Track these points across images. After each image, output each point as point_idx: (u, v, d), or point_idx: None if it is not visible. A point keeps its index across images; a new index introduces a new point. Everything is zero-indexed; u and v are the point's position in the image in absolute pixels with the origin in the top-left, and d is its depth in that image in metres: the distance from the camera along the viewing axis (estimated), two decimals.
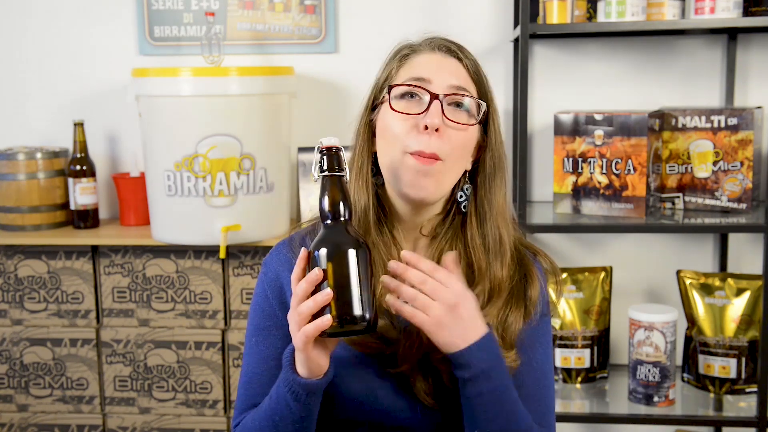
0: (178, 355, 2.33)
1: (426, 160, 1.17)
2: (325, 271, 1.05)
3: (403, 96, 1.20)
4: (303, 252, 1.08)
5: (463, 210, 1.25)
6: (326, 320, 1.03)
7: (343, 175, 1.10)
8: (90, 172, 2.44)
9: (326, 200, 1.09)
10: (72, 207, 2.44)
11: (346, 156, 1.11)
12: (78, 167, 2.42)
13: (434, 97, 1.17)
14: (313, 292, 1.05)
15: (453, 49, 1.23)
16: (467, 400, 1.12)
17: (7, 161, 2.38)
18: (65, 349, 2.36)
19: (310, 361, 1.08)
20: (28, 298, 2.36)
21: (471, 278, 1.22)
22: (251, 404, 1.26)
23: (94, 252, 2.34)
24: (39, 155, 2.41)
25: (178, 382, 2.34)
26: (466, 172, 1.25)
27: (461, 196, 1.25)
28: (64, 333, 2.35)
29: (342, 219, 1.09)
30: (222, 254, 2.19)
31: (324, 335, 1.05)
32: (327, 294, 1.04)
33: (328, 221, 1.09)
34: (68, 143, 2.51)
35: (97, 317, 2.37)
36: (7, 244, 2.33)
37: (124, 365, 2.35)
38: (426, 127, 1.16)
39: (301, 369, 1.10)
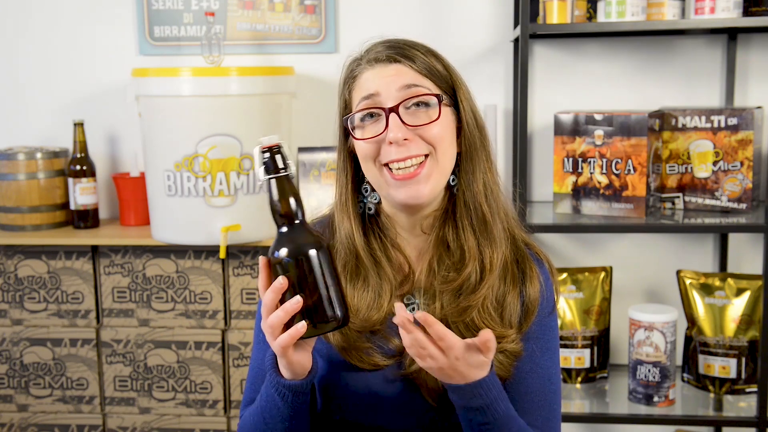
0: (178, 355, 2.33)
1: (408, 174, 1.17)
2: (289, 277, 1.04)
3: (363, 119, 1.21)
4: (263, 260, 1.08)
5: (455, 193, 1.26)
6: (300, 328, 1.04)
7: (288, 174, 1.07)
8: (90, 172, 2.44)
9: (277, 204, 1.07)
10: (72, 207, 2.44)
11: (288, 151, 1.08)
12: (78, 167, 2.42)
13: (388, 111, 1.18)
14: (282, 299, 1.05)
15: (390, 55, 1.21)
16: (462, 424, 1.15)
17: (7, 161, 2.38)
18: (65, 349, 2.36)
19: (292, 365, 1.09)
20: (28, 298, 2.36)
21: (462, 259, 1.22)
22: (255, 398, 1.27)
23: (94, 252, 2.34)
24: (39, 155, 2.41)
25: (178, 382, 2.34)
26: (458, 156, 1.25)
27: (453, 180, 1.25)
28: (64, 333, 2.35)
29: (297, 221, 1.07)
30: (222, 254, 2.19)
31: (302, 339, 1.06)
32: (297, 302, 1.04)
33: (284, 225, 1.07)
34: (68, 143, 2.52)
35: (97, 317, 2.37)
36: (7, 244, 2.33)
37: (124, 365, 2.35)
38: (391, 143, 1.17)
39: (284, 372, 1.12)
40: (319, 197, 2.38)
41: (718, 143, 2.20)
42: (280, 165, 1.06)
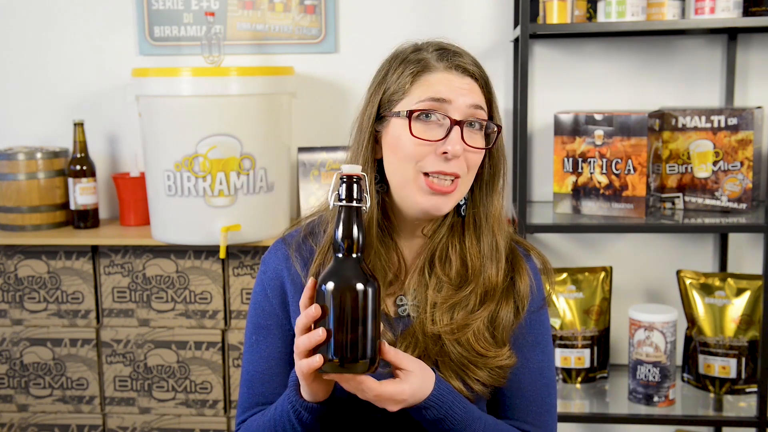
0: (178, 355, 2.33)
1: (445, 189, 1.17)
2: (330, 307, 1.02)
3: (419, 116, 1.18)
4: (311, 281, 1.07)
5: (462, 213, 1.26)
6: (315, 361, 1.03)
7: (361, 207, 1.05)
8: (90, 172, 2.44)
9: (341, 232, 1.04)
10: (72, 207, 2.44)
11: (367, 184, 1.06)
12: (78, 167, 2.42)
13: (455, 123, 1.17)
14: (317, 324, 1.04)
15: (468, 68, 1.21)
16: None
17: (7, 161, 2.38)
18: (65, 349, 2.36)
19: (311, 389, 1.10)
20: (28, 298, 2.36)
21: (465, 277, 1.23)
22: (254, 403, 1.27)
23: (94, 252, 2.34)
24: (39, 155, 2.41)
25: (178, 382, 2.34)
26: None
27: (462, 200, 1.26)
28: (64, 333, 2.35)
29: (355, 254, 1.04)
30: (222, 254, 2.19)
31: (323, 373, 1.05)
32: (319, 336, 1.02)
33: (341, 254, 1.05)
34: (68, 143, 2.51)
35: (97, 317, 2.37)
36: (7, 244, 2.33)
37: (124, 365, 2.35)
38: (444, 153, 1.16)
39: (305, 393, 1.12)
40: (319, 197, 2.38)
41: (718, 143, 2.20)
42: (356, 196, 1.04)
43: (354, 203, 1.04)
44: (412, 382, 1.09)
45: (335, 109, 2.51)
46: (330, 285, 1.02)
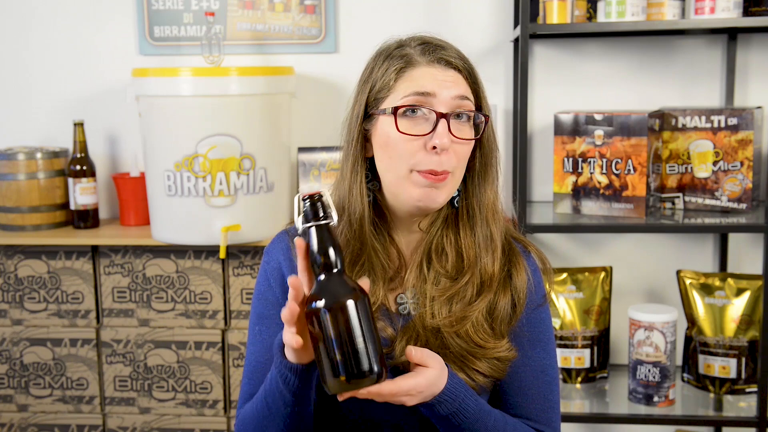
0: (178, 355, 2.33)
1: (437, 177, 1.17)
2: (325, 328, 1.02)
3: (405, 112, 1.18)
4: (293, 280, 1.06)
5: (456, 205, 1.26)
6: (289, 337, 1.04)
7: (329, 222, 1.06)
8: (90, 172, 2.44)
9: (317, 252, 1.05)
10: (72, 207, 2.44)
11: (330, 199, 1.07)
12: (78, 167, 2.42)
13: (441, 116, 1.17)
14: (316, 349, 1.03)
15: (451, 61, 1.21)
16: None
17: (7, 161, 2.38)
18: (65, 349, 2.36)
19: (297, 355, 1.09)
20: (28, 298, 2.36)
21: (461, 267, 1.24)
22: (254, 394, 1.26)
23: (94, 252, 2.34)
24: (39, 155, 2.41)
25: (178, 382, 2.34)
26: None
27: (455, 191, 1.26)
28: (64, 333, 2.35)
29: (335, 269, 1.05)
30: (222, 254, 2.19)
31: (331, 392, 1.04)
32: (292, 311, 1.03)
33: (322, 274, 1.05)
34: (68, 143, 2.52)
35: (97, 317, 2.37)
36: (7, 244, 2.33)
37: (124, 365, 2.35)
38: (434, 147, 1.16)
39: (289, 355, 1.11)
40: None
41: (718, 143, 2.20)
42: (321, 214, 1.05)
43: (322, 221, 1.05)
44: (428, 375, 1.10)
45: (335, 109, 2.51)
46: (323, 307, 1.02)
